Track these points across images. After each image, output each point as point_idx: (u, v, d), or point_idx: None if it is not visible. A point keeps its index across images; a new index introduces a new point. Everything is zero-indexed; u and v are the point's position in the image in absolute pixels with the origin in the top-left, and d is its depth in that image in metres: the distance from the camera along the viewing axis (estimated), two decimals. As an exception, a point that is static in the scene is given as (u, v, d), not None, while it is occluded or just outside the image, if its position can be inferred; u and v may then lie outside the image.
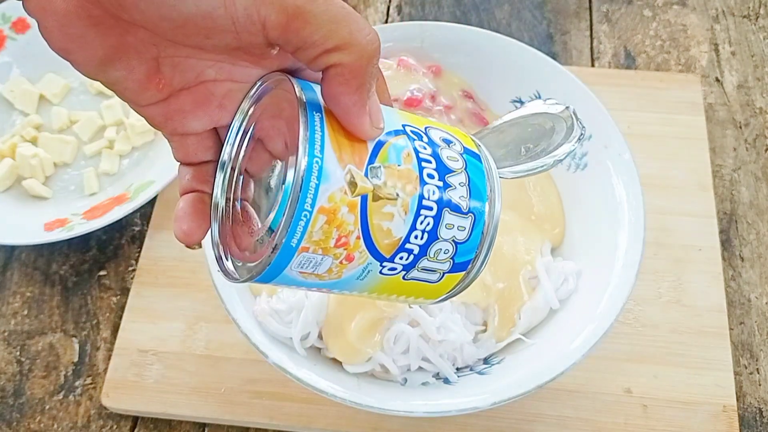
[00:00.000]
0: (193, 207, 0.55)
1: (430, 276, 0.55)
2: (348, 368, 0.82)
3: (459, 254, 0.55)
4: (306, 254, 0.48)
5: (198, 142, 0.54)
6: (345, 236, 0.49)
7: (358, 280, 0.52)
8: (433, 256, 0.53)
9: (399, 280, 0.54)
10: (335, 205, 0.47)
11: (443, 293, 0.58)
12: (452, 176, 0.53)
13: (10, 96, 1.13)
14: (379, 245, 0.50)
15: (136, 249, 1.04)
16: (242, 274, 0.50)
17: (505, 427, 0.88)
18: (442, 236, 0.53)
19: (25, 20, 1.16)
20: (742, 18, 1.22)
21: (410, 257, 0.52)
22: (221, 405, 0.90)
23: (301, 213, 0.45)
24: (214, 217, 0.55)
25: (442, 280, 0.56)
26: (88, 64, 0.47)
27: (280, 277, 0.49)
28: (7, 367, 0.96)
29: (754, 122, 1.11)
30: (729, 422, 0.88)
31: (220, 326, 0.93)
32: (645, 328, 0.93)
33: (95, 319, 0.99)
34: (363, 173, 0.48)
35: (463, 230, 0.54)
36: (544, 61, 0.94)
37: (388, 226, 0.50)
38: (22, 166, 1.06)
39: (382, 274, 0.52)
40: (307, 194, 0.46)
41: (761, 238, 1.01)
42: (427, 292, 0.57)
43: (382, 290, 0.55)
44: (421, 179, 0.51)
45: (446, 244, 0.53)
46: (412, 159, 0.51)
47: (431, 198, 0.51)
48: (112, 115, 1.11)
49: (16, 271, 1.03)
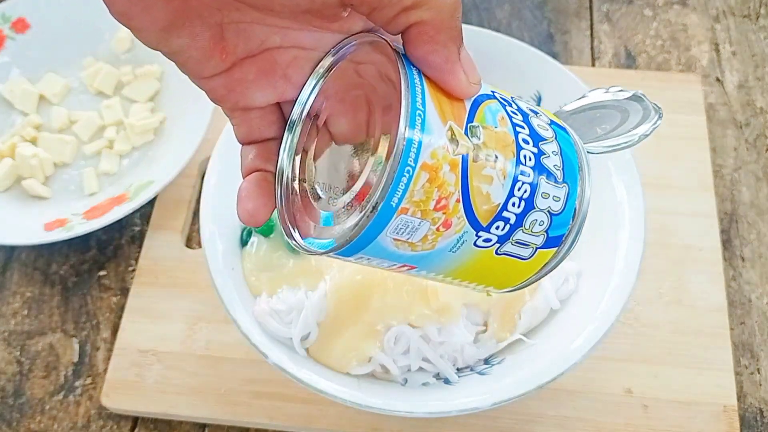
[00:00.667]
0: (257, 186, 0.53)
1: (522, 251, 0.54)
2: (352, 369, 0.82)
3: (553, 227, 0.53)
4: (404, 217, 0.46)
5: (261, 117, 0.53)
6: (445, 198, 0.47)
7: (450, 253, 0.51)
8: (528, 228, 0.52)
9: (491, 255, 0.53)
10: (437, 163, 0.45)
11: (530, 274, 0.57)
12: (545, 144, 0.52)
13: (10, 96, 1.13)
14: (477, 210, 0.49)
15: (136, 249, 1.04)
16: (326, 243, 0.49)
17: (506, 427, 0.88)
18: (538, 206, 0.51)
19: (24, 20, 1.16)
20: (742, 18, 1.22)
21: (506, 227, 0.51)
22: (221, 405, 0.90)
23: (404, 168, 0.44)
24: (278, 183, 0.54)
25: (533, 256, 0.55)
26: (150, 30, 0.45)
27: (370, 246, 0.47)
28: (7, 367, 0.96)
29: (754, 122, 1.11)
30: (729, 422, 0.88)
31: (220, 326, 0.93)
32: (646, 328, 0.93)
33: (95, 319, 0.99)
34: (463, 131, 0.47)
35: (558, 201, 0.52)
36: (545, 61, 0.94)
37: (487, 190, 0.48)
38: (22, 166, 1.06)
39: (476, 246, 0.51)
40: (410, 149, 0.44)
41: (762, 238, 1.01)
42: (514, 273, 0.56)
43: (471, 268, 0.53)
44: (517, 144, 0.50)
45: (542, 215, 0.52)
46: (506, 123, 0.50)
47: (527, 164, 0.50)
48: (111, 115, 1.11)
49: (15, 272, 1.03)
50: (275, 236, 0.87)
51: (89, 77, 1.14)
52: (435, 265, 0.52)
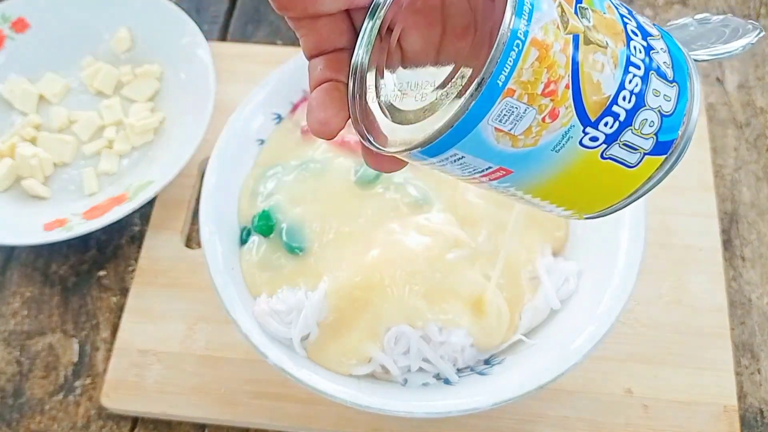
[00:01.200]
0: (329, 95, 0.51)
1: (629, 156, 0.50)
2: (352, 369, 0.82)
3: (663, 130, 0.50)
4: (510, 100, 0.43)
5: (331, 25, 0.51)
6: (554, 82, 0.44)
7: (552, 152, 0.48)
8: (638, 128, 0.49)
9: (595, 160, 0.49)
10: (548, 40, 0.43)
11: (633, 187, 0.53)
12: (653, 40, 0.50)
13: (10, 96, 1.13)
14: (587, 100, 0.46)
15: (135, 249, 1.04)
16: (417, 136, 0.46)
17: (506, 427, 0.88)
18: (649, 103, 0.49)
19: (24, 20, 1.16)
20: (743, 17, 1.22)
21: (615, 124, 0.48)
22: (221, 405, 0.90)
23: (514, 42, 0.41)
24: (352, 78, 0.52)
25: (640, 163, 0.51)
26: None
27: (468, 137, 0.44)
28: (7, 367, 0.96)
29: (755, 122, 1.11)
30: (730, 423, 0.88)
31: (220, 326, 0.93)
32: (646, 328, 0.93)
33: (95, 319, 0.99)
34: (573, 11, 0.45)
35: (669, 101, 0.50)
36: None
37: (598, 78, 0.46)
38: (22, 166, 1.06)
39: (582, 145, 0.48)
40: (521, 19, 0.42)
41: (762, 238, 1.01)
42: (616, 185, 0.53)
43: (570, 178, 0.50)
44: (626, 33, 0.48)
45: (652, 114, 0.49)
46: (614, 12, 0.48)
47: (638, 56, 0.48)
48: (111, 114, 1.11)
49: (15, 272, 1.03)
50: (275, 236, 0.87)
51: (89, 77, 1.14)
52: (533, 171, 0.49)
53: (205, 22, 1.25)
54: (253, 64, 1.16)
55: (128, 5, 1.16)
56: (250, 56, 1.18)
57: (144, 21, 1.16)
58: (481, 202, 0.88)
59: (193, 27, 1.11)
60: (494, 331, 0.83)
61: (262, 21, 1.26)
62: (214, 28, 1.25)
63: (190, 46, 1.11)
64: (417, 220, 0.86)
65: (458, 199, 0.88)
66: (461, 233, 0.84)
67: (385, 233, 0.85)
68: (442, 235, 0.84)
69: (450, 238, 0.84)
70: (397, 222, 0.86)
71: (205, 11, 1.27)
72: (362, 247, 0.85)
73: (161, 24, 1.14)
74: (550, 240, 0.89)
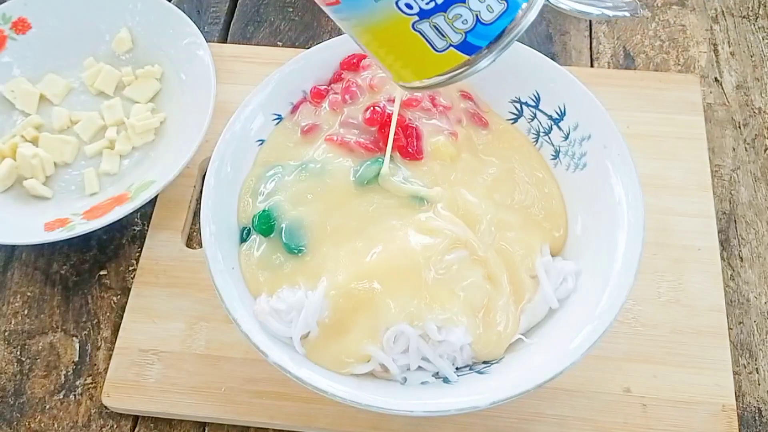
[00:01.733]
0: None
1: (437, 39, 0.54)
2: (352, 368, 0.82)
3: (474, 34, 0.53)
4: None
5: None
6: None
7: (373, 1, 0.51)
8: (450, 18, 0.52)
9: (407, 26, 0.53)
10: None
11: (436, 72, 0.57)
12: None
13: (11, 96, 1.13)
14: None
15: (136, 249, 1.04)
16: None
17: (505, 426, 0.88)
18: (469, 3, 0.52)
19: (25, 20, 1.16)
20: (741, 18, 1.22)
21: (431, 3, 0.51)
22: (222, 404, 0.90)
23: None
24: None
25: (444, 52, 0.55)
26: None
27: None
28: (8, 366, 0.96)
29: (753, 122, 1.11)
30: (728, 422, 0.88)
31: (220, 326, 0.93)
32: (644, 327, 0.94)
33: (96, 318, 0.99)
34: None
35: (491, 12, 0.53)
36: (544, 62, 0.95)
37: None
38: (23, 166, 1.06)
39: (398, 6, 0.51)
40: None
41: (760, 238, 1.01)
42: (424, 61, 0.56)
43: (386, 33, 0.54)
44: None
45: (468, 14, 0.52)
46: None
47: None
48: (112, 115, 1.11)
49: (16, 271, 1.04)
50: (275, 236, 0.87)
51: (90, 78, 1.15)
52: (356, 10, 0.53)
53: (206, 24, 1.25)
54: (254, 65, 1.17)
55: (129, 6, 1.16)
56: (250, 57, 1.18)
57: (145, 22, 1.16)
58: (480, 201, 0.88)
59: (194, 28, 1.11)
60: (493, 345, 0.83)
61: (263, 22, 1.26)
62: (215, 29, 1.25)
63: (191, 47, 1.11)
64: (417, 219, 0.86)
65: (457, 198, 0.88)
66: (461, 232, 0.85)
67: (385, 232, 0.85)
68: (441, 235, 0.84)
69: (450, 238, 0.84)
70: (397, 221, 0.86)
71: (206, 13, 1.27)
72: (362, 247, 0.85)
73: (162, 25, 1.14)
74: (548, 240, 0.90)
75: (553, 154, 0.95)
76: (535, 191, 0.92)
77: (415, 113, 0.93)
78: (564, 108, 0.93)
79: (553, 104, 0.94)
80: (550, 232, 0.90)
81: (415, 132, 0.91)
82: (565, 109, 0.93)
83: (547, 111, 0.95)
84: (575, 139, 0.92)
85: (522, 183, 0.93)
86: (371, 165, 0.89)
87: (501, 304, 0.84)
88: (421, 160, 0.90)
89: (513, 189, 0.92)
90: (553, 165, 0.95)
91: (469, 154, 0.92)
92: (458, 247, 0.84)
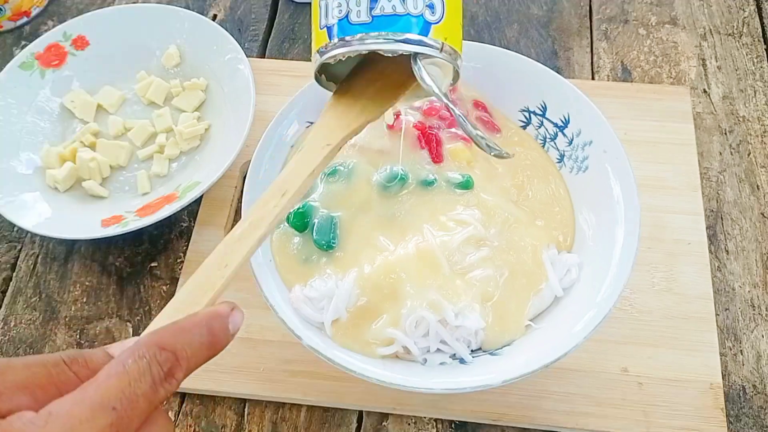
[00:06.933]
0: None
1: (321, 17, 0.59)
2: (377, 350, 0.82)
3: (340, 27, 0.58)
4: None
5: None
6: None
7: None
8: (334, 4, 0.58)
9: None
10: None
11: (316, 46, 0.61)
12: None
13: (71, 106, 1.14)
14: None
15: (183, 243, 1.04)
16: None
17: (515, 402, 0.88)
18: None
19: (84, 38, 1.17)
20: (727, 36, 1.21)
21: None
22: (260, 383, 0.91)
23: None
24: None
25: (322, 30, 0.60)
26: None
27: None
28: (68, 348, 0.97)
29: (737, 129, 1.10)
30: (715, 398, 0.88)
31: (259, 312, 0.93)
32: (640, 314, 0.94)
33: (147, 305, 1.00)
34: None
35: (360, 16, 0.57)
36: (549, 75, 0.95)
37: None
38: (82, 169, 1.07)
39: None
40: None
41: (744, 233, 1.01)
42: (315, 31, 0.61)
43: None
44: None
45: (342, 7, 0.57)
46: None
47: None
48: (162, 123, 1.11)
49: (76, 263, 1.04)
50: (307, 233, 0.87)
51: (142, 89, 1.15)
52: None
53: (246, 41, 1.26)
54: (289, 78, 1.17)
55: (177, 26, 1.17)
56: (286, 71, 1.18)
57: (192, 40, 1.16)
58: (495, 199, 0.88)
59: (236, 45, 1.12)
60: (503, 332, 0.83)
61: (297, 39, 1.26)
62: (254, 45, 1.26)
63: (233, 62, 1.12)
64: (438, 218, 0.86)
65: (476, 196, 0.88)
66: (478, 228, 0.85)
67: (408, 229, 0.86)
68: (459, 231, 0.84)
69: (467, 234, 0.84)
70: (420, 220, 0.86)
71: (246, 31, 1.27)
72: (386, 242, 0.85)
73: (207, 42, 1.15)
74: (555, 241, 0.90)
75: (558, 157, 0.95)
76: (545, 191, 0.93)
77: (433, 121, 0.93)
78: (568, 116, 0.93)
79: (559, 113, 0.94)
80: (560, 230, 0.90)
81: (435, 138, 0.91)
82: (569, 118, 0.93)
83: (553, 119, 0.95)
84: (578, 144, 0.92)
85: (533, 183, 0.93)
86: (393, 168, 0.89)
87: (511, 293, 0.84)
88: (442, 163, 0.90)
89: (525, 189, 0.92)
90: (558, 167, 0.95)
91: (484, 158, 0.92)
92: (475, 242, 0.84)
